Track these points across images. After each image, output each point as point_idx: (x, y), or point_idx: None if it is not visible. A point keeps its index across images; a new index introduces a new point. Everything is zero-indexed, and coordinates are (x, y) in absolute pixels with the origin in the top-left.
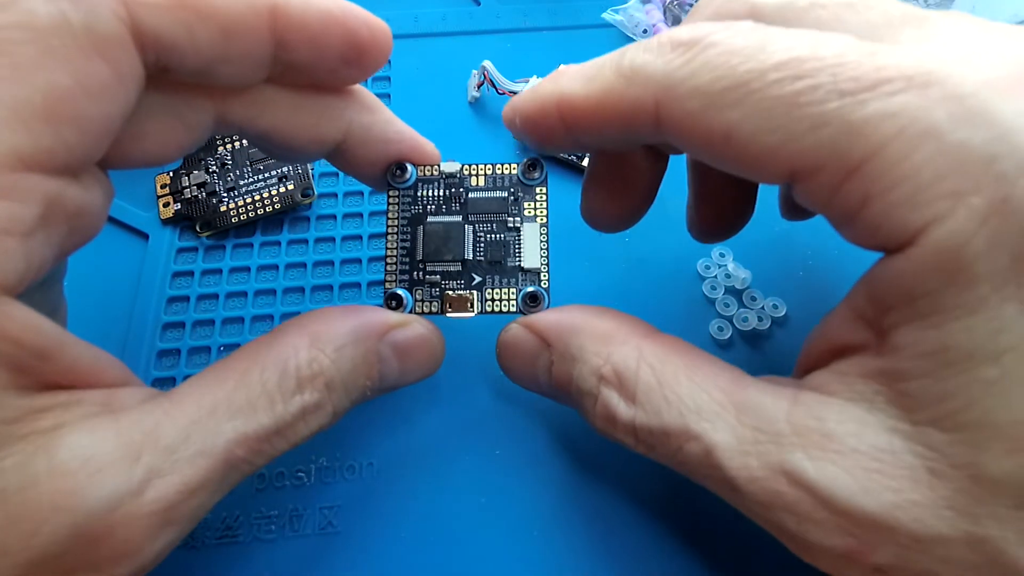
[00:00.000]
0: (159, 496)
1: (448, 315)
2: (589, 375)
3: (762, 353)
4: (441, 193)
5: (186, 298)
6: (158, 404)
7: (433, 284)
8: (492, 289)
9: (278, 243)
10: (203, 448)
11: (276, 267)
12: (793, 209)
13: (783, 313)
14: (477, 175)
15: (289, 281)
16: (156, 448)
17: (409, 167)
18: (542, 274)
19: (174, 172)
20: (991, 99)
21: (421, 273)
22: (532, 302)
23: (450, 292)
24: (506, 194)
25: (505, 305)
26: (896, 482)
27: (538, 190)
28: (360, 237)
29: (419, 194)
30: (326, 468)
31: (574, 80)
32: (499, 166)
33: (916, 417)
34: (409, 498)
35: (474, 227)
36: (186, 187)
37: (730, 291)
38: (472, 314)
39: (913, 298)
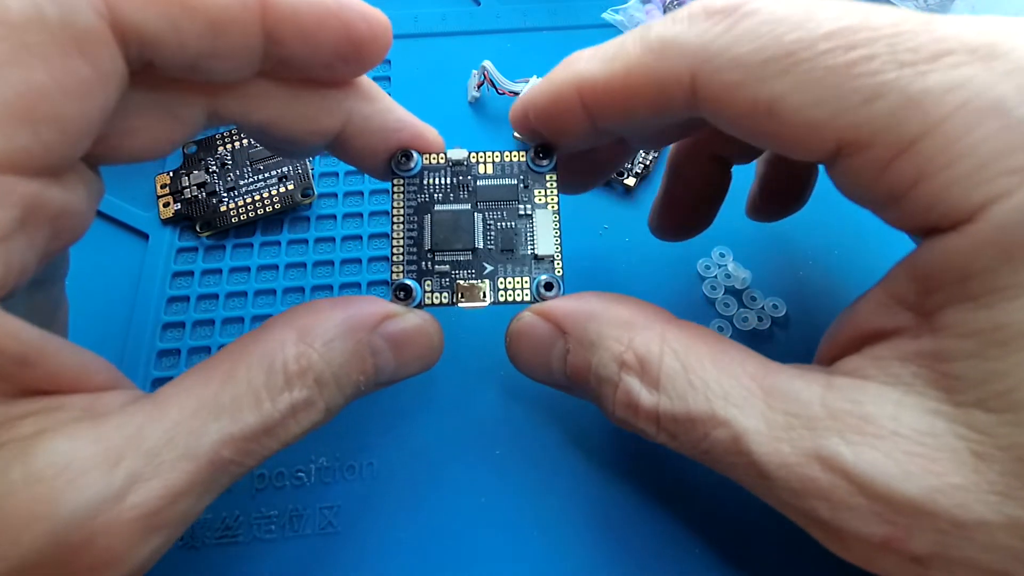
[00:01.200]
0: (141, 501)
1: (460, 305)
2: (610, 361)
3: (762, 353)
4: (448, 181)
5: (186, 298)
6: (141, 407)
7: (443, 274)
8: (504, 278)
9: (278, 243)
10: (187, 451)
11: (276, 267)
12: (761, 209)
13: (783, 313)
14: (485, 163)
15: (289, 281)
16: (138, 452)
17: (415, 155)
18: (556, 261)
19: (174, 172)
20: None
21: (430, 263)
22: (547, 290)
23: (462, 282)
24: (515, 181)
25: (519, 294)
26: (938, 465)
27: (548, 177)
28: (360, 237)
29: (425, 182)
30: (326, 468)
31: (592, 61)
32: (507, 154)
33: (960, 398)
34: (409, 498)
35: (484, 215)
36: (186, 187)
37: (730, 291)
38: (485, 304)
39: (965, 277)
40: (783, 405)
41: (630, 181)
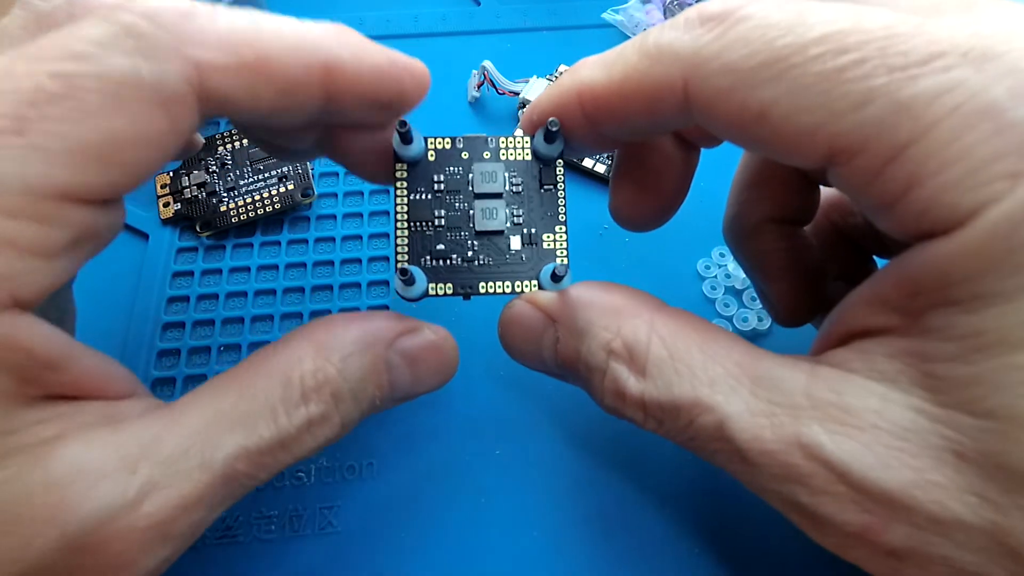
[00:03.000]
0: (155, 510)
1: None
2: (598, 350)
3: None
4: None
5: (186, 298)
6: (159, 416)
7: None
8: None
9: (278, 243)
10: (202, 462)
11: (276, 267)
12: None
13: None
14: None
15: (289, 281)
16: (154, 460)
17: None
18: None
19: (174, 172)
20: None
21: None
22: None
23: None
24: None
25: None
26: (918, 461)
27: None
28: (360, 237)
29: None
30: (326, 468)
31: (594, 68)
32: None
33: (943, 399)
34: (409, 497)
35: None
36: (186, 187)
37: (730, 291)
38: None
39: (951, 283)
40: (767, 392)
41: None
